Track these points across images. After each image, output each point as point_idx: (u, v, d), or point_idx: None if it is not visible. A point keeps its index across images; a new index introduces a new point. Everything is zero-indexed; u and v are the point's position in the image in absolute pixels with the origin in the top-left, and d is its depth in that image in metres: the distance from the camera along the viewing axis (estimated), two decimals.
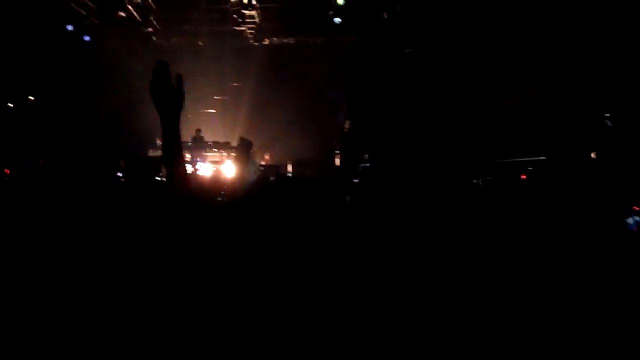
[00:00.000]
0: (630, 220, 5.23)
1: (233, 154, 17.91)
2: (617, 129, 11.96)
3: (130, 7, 18.85)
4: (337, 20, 19.09)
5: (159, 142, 19.59)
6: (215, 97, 22.02)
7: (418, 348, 2.98)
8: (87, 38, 21.38)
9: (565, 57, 13.72)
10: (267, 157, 20.13)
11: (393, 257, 3.35)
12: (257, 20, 20.71)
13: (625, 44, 12.28)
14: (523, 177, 12.12)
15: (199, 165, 17.09)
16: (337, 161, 18.01)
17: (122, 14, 18.73)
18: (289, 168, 18.57)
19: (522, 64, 14.92)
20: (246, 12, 19.31)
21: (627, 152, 11.20)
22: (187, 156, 18.00)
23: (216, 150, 18.86)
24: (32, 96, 20.82)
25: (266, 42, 22.03)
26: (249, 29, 21.35)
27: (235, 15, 19.61)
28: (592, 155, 11.92)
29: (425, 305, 3.19)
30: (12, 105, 20.24)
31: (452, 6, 14.57)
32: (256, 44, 22.04)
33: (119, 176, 11.11)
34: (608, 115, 12.10)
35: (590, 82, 13.14)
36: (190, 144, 19.24)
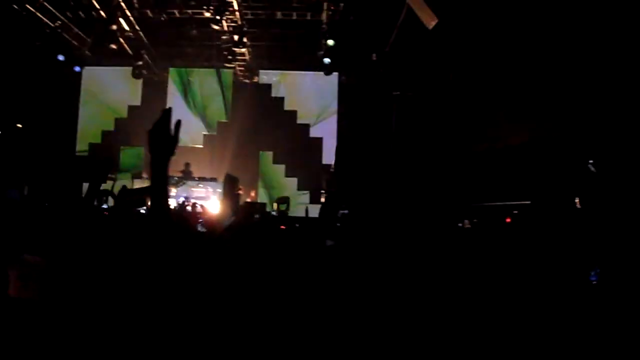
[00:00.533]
0: (592, 272, 5.25)
1: (219, 190, 17.93)
2: (600, 175, 12.02)
3: (122, 40, 18.95)
4: (327, 60, 19.21)
5: (145, 175, 19.67)
6: (203, 133, 22.07)
7: None
8: (77, 69, 21.48)
9: (552, 102, 13.83)
10: (252, 194, 20.14)
11: (377, 304, 3.36)
12: (247, 58, 20.85)
13: (609, 88, 12.39)
14: (508, 220, 12.13)
15: (181, 199, 16.99)
16: (323, 201, 18.04)
17: (114, 46, 18.82)
18: (274, 206, 18.61)
19: (510, 107, 15.03)
20: (237, 49, 19.43)
21: (608, 199, 11.27)
22: (173, 191, 18.05)
23: (202, 186, 18.84)
24: (20, 124, 20.87)
25: (255, 79, 22.17)
26: (240, 66, 21.49)
27: (226, 52, 19.74)
28: (576, 201, 11.96)
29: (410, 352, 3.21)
30: None
31: (441, 49, 14.70)
32: (246, 81, 22.18)
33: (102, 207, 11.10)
34: (592, 161, 12.17)
35: (575, 127, 13.24)
36: (176, 178, 19.26)
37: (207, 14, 17.28)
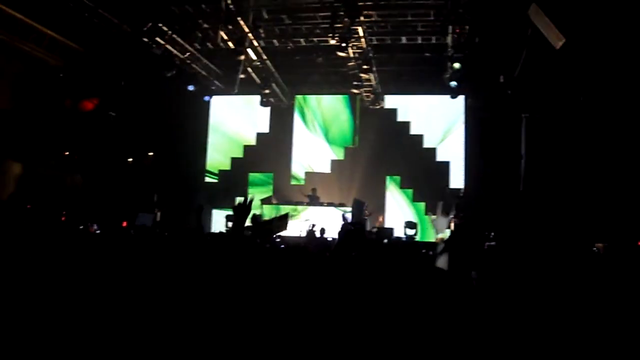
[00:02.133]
0: None
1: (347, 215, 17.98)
2: None
3: (249, 69, 19.29)
4: (453, 84, 19.02)
5: (274, 200, 19.98)
6: (331, 159, 22.23)
7: None
8: (207, 98, 22.00)
9: None
10: (381, 219, 20.10)
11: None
12: (373, 83, 20.89)
13: None
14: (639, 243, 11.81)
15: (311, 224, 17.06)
16: (452, 226, 17.81)
17: (242, 76, 19.17)
18: (404, 230, 18.49)
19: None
20: (363, 75, 19.50)
21: None
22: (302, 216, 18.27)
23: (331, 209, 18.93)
24: (152, 152, 21.52)
25: (382, 104, 22.20)
26: (366, 92, 21.55)
27: (352, 79, 19.83)
28: None
29: None
30: (131, 160, 20.94)
31: (570, 69, 14.38)
32: (372, 106, 22.24)
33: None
34: None
35: None
36: (305, 204, 19.49)
37: (333, 42, 17.38)
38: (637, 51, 12.85)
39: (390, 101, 22.25)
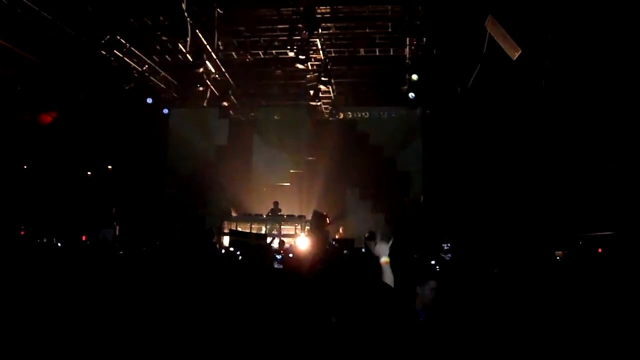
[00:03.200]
0: None
1: (307, 228, 17.94)
2: None
3: (208, 81, 19.26)
4: (412, 95, 19.13)
5: (234, 213, 19.82)
6: (291, 171, 22.19)
7: None
8: (165, 111, 21.92)
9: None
10: (341, 230, 20.07)
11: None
12: (332, 95, 20.96)
13: None
14: (599, 250, 11.92)
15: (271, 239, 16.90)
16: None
17: (201, 88, 19.15)
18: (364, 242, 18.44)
19: (602, 135, 14.73)
20: (322, 87, 19.52)
21: None
22: (262, 229, 18.19)
23: (291, 223, 18.85)
24: (111, 165, 21.37)
25: (340, 116, 22.26)
26: (324, 104, 21.61)
27: (311, 91, 19.83)
28: None
29: None
30: (90, 174, 20.78)
31: (528, 82, 14.50)
32: (331, 118, 22.30)
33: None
34: None
35: None
36: (267, 216, 19.37)
37: (291, 54, 17.44)
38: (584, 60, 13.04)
39: (350, 113, 22.30)
